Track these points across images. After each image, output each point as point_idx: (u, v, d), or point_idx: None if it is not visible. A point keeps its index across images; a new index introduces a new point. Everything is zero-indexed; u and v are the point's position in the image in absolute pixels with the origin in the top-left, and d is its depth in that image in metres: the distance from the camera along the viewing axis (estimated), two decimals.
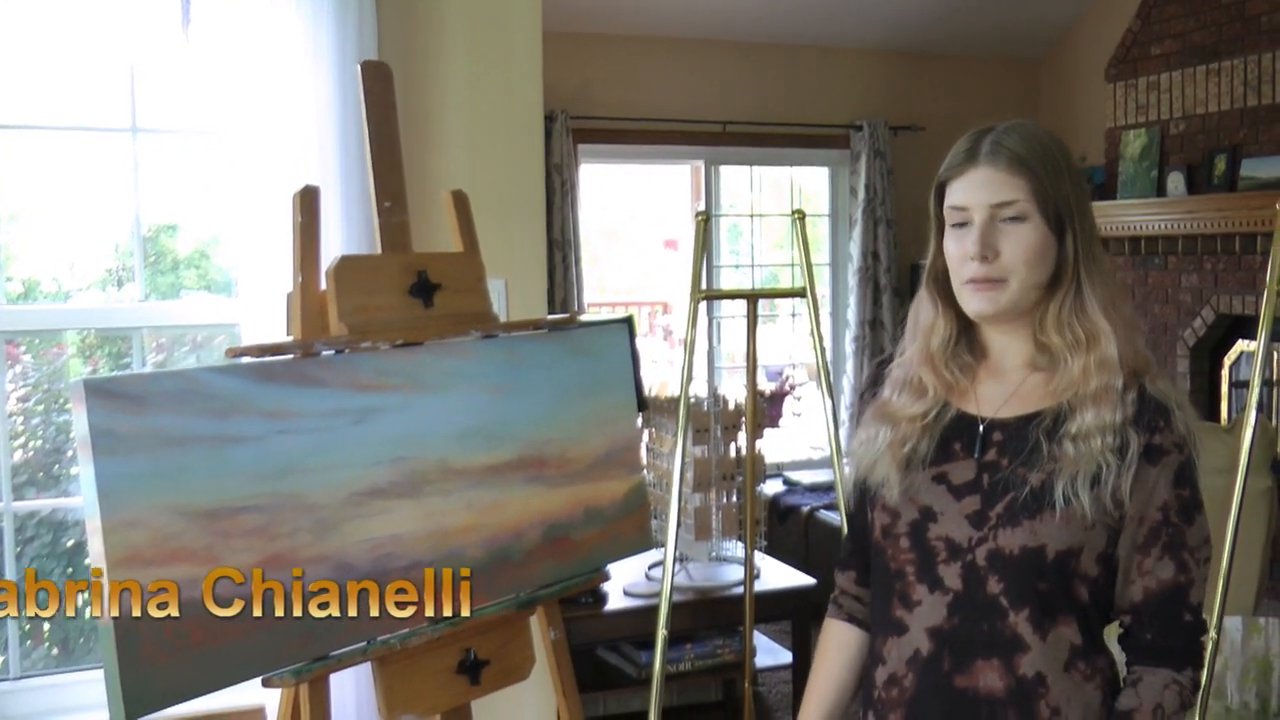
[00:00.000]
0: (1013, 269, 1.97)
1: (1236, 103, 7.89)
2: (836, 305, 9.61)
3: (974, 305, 2.01)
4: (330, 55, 3.32)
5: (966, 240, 1.99)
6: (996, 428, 2.04)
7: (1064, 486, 1.93)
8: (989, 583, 1.97)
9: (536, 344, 2.94)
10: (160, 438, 2.21)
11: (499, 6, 3.78)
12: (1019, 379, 2.06)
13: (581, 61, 8.45)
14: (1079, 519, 1.93)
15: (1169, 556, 1.95)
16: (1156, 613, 1.97)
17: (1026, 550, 1.94)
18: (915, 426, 2.09)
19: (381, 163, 2.77)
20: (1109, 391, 1.96)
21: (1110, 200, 8.58)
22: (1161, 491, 1.95)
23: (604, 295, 14.12)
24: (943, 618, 2.00)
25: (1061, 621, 1.96)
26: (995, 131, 2.02)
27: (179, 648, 2.21)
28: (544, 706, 3.50)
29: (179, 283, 4.55)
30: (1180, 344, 8.35)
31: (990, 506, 1.98)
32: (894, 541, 2.07)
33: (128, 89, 3.76)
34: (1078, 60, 9.53)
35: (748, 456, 3.89)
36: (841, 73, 9.28)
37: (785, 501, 7.28)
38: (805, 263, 3.70)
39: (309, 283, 2.57)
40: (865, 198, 9.12)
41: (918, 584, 2.04)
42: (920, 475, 2.06)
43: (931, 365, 2.11)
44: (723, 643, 4.66)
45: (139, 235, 3.85)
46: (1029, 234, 1.97)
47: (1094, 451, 1.93)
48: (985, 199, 1.98)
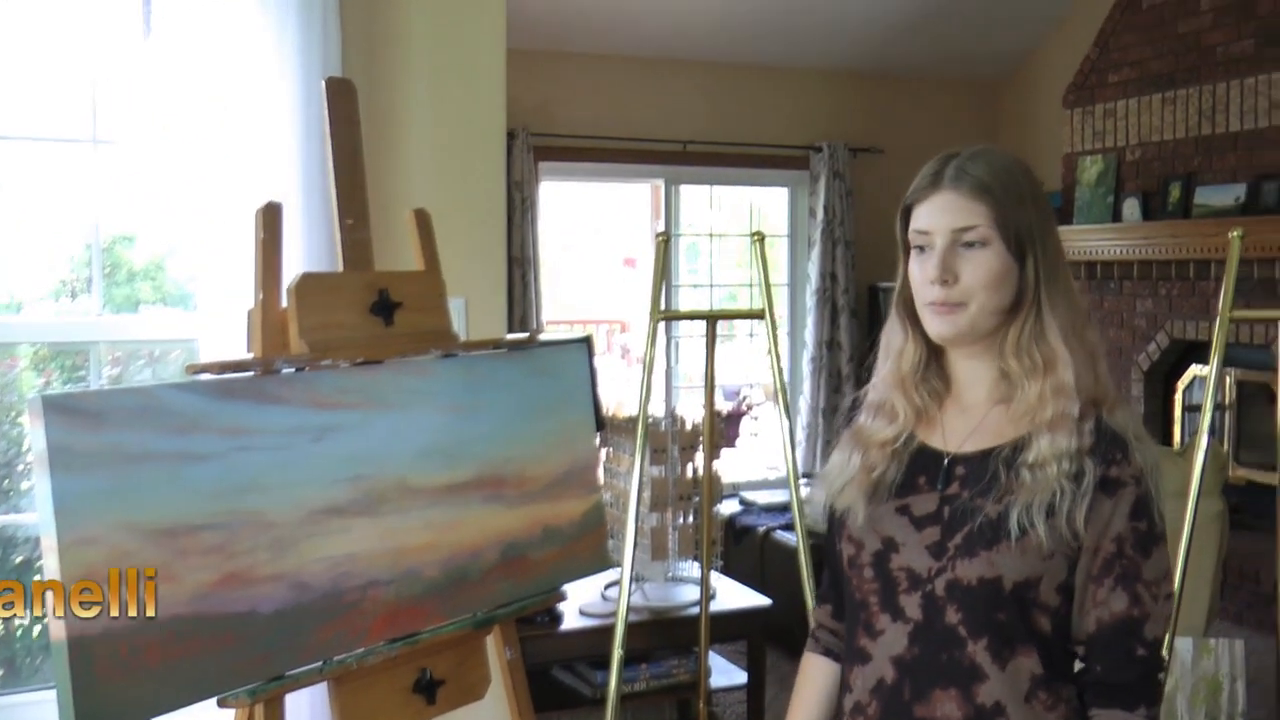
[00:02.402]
0: (972, 293, 1.97)
1: (1191, 131, 7.99)
2: (794, 326, 9.63)
3: (934, 327, 2.02)
4: (294, 71, 3.32)
5: (928, 264, 2.00)
6: (960, 462, 2.04)
7: (1019, 515, 1.92)
8: (948, 612, 1.96)
9: (496, 363, 2.94)
10: (118, 454, 2.20)
11: (463, 25, 3.78)
12: (982, 413, 2.07)
13: (543, 79, 8.45)
14: (1035, 548, 1.92)
15: (1122, 588, 1.94)
16: (1108, 645, 1.95)
17: (984, 581, 1.93)
18: (885, 453, 2.09)
19: (344, 180, 2.76)
20: (1065, 419, 1.95)
21: (1067, 225, 8.65)
22: (1117, 523, 1.93)
23: (563, 313, 14.11)
24: (904, 647, 2.00)
25: (1021, 652, 1.95)
26: (960, 157, 2.02)
27: (134, 666, 2.20)
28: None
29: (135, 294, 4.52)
30: (1135, 368, 8.43)
31: (949, 537, 1.98)
32: (858, 571, 2.08)
33: (89, 100, 3.74)
34: (1036, 86, 9.61)
35: (704, 477, 3.89)
36: (802, 94, 9.32)
37: (741, 522, 7.27)
38: (764, 285, 3.71)
39: (270, 299, 2.56)
40: (824, 219, 9.15)
41: (881, 613, 2.04)
42: (884, 507, 2.06)
43: (902, 389, 2.11)
44: (678, 663, 4.65)
45: (98, 247, 3.83)
46: (989, 259, 1.97)
47: (1049, 478, 1.92)
48: (947, 224, 1.98)
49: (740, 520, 7.28)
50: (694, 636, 3.98)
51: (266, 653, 2.40)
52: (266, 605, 2.39)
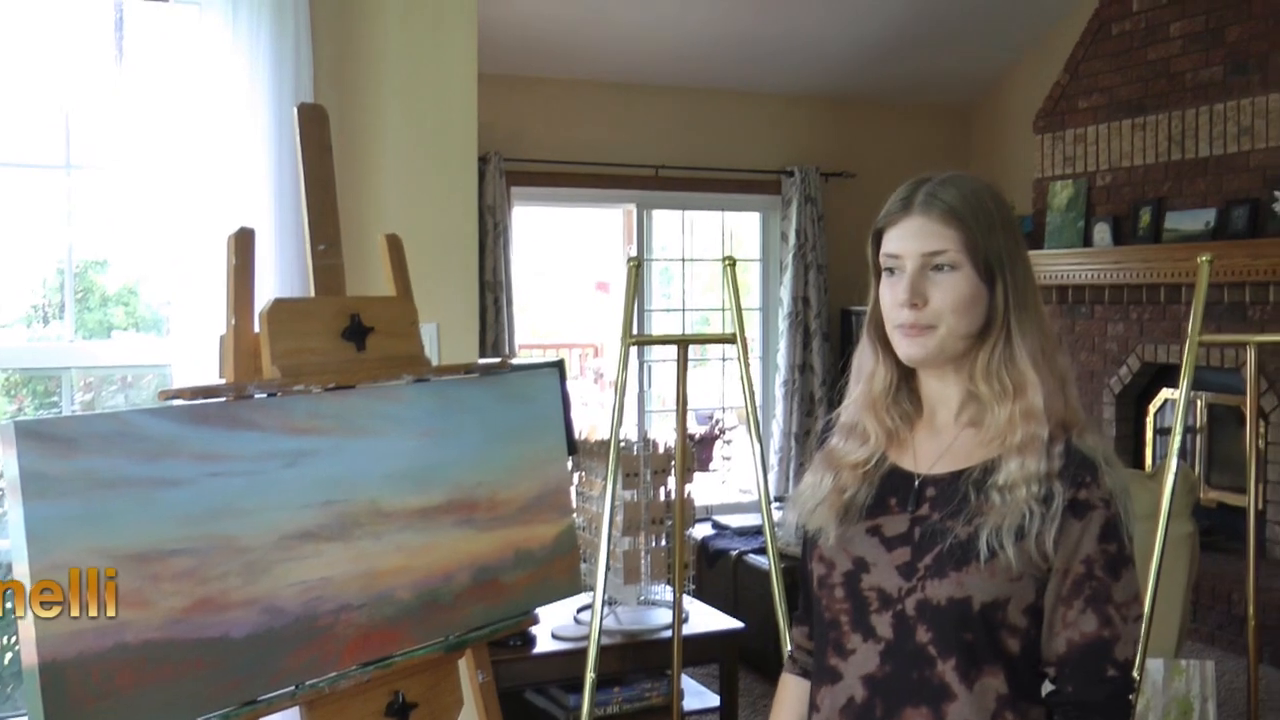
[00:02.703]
0: (941, 316, 1.99)
1: (1161, 156, 8.07)
2: (767, 350, 9.67)
3: (904, 350, 2.03)
4: (267, 96, 3.33)
5: (898, 287, 2.01)
6: (930, 483, 2.05)
7: (988, 536, 1.93)
8: (918, 632, 1.97)
9: (468, 388, 2.95)
10: (91, 480, 2.20)
11: (435, 51, 3.80)
12: (953, 435, 2.08)
13: (516, 104, 8.48)
14: (1004, 570, 1.93)
15: (1092, 610, 1.94)
16: (1078, 666, 1.95)
17: (953, 601, 1.94)
18: (856, 475, 2.11)
19: (316, 205, 2.77)
20: (1034, 442, 1.96)
21: (1038, 250, 8.71)
22: (1086, 546, 1.94)
23: (536, 337, 14.13)
24: (875, 665, 2.01)
25: (988, 672, 1.96)
26: (931, 182, 2.04)
27: (106, 692, 2.19)
28: None
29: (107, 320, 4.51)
30: (1106, 391, 8.47)
31: (919, 558, 1.99)
32: (829, 591, 2.09)
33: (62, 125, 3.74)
34: (1007, 111, 9.68)
35: (677, 500, 3.90)
36: (773, 118, 9.37)
37: (714, 545, 7.27)
38: (735, 309, 3.73)
39: (242, 325, 2.57)
40: (796, 243, 9.19)
41: (852, 633, 2.05)
42: (855, 527, 2.08)
43: (874, 411, 2.12)
44: (651, 686, 4.65)
45: (70, 272, 3.83)
46: (958, 283, 1.99)
47: (1019, 501, 1.93)
48: (917, 248, 2.00)
49: (713, 544, 7.29)
50: (667, 659, 3.98)
51: (239, 677, 2.40)
52: (239, 630, 2.39)
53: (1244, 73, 7.51)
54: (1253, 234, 7.37)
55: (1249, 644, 3.62)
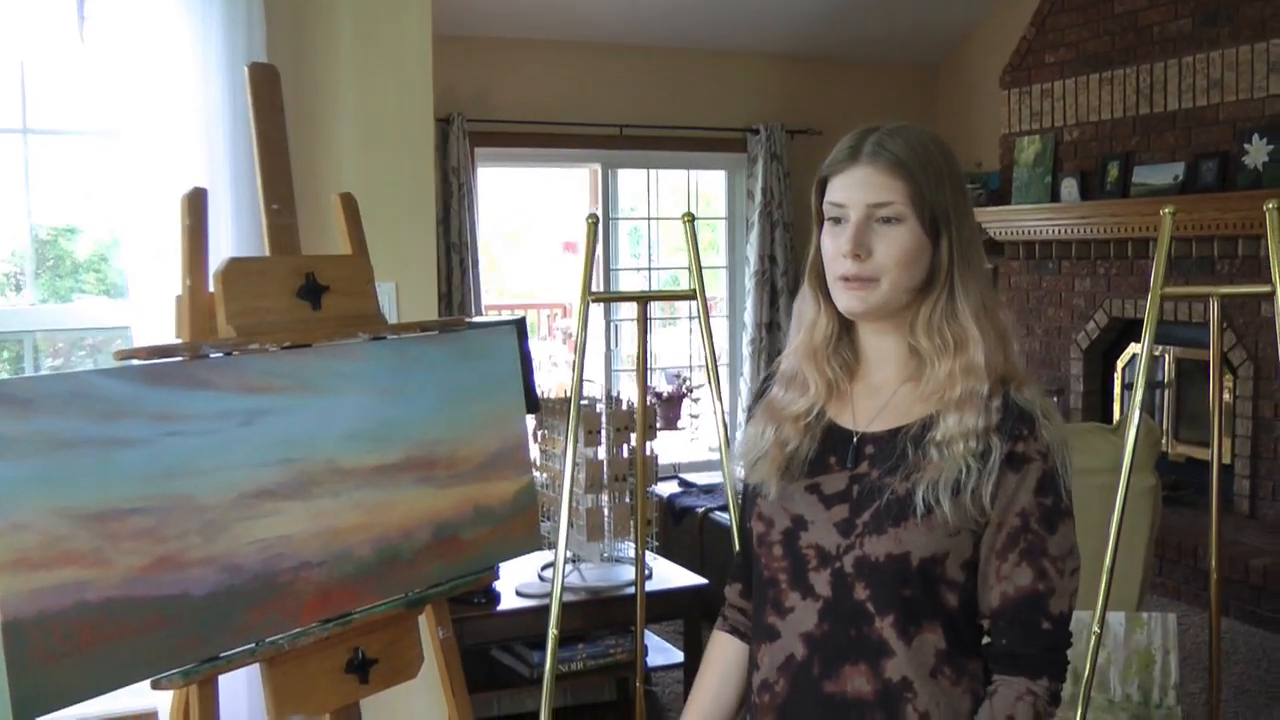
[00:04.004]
0: (884, 269, 1.98)
1: (1129, 111, 8.09)
2: (734, 308, 9.70)
3: (845, 303, 2.02)
4: (219, 57, 3.32)
5: (841, 238, 2.00)
6: (869, 441, 2.06)
7: (924, 492, 1.93)
8: (856, 589, 1.98)
9: (425, 346, 2.96)
10: (48, 440, 2.22)
11: (388, 10, 3.78)
12: (891, 391, 2.08)
13: (479, 65, 8.46)
14: (941, 525, 1.93)
15: (1027, 563, 1.94)
16: (1013, 619, 1.97)
17: (891, 557, 1.95)
18: (797, 427, 2.11)
19: (268, 165, 2.78)
20: (974, 397, 1.97)
21: (1005, 205, 8.74)
22: (1022, 498, 1.94)
23: (504, 298, 14.13)
24: (814, 624, 2.02)
25: (926, 628, 1.97)
26: (879, 132, 2.03)
27: (68, 650, 2.21)
28: (435, 705, 3.51)
29: (78, 286, 4.50)
30: (1074, 347, 8.52)
31: (858, 515, 2.00)
32: (768, 550, 2.09)
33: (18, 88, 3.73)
34: (974, 67, 9.69)
35: (638, 458, 3.92)
36: (738, 76, 9.36)
37: (680, 503, 7.31)
38: (694, 266, 3.75)
39: (197, 285, 2.57)
40: (762, 201, 9.20)
41: (790, 591, 2.05)
42: (795, 485, 2.08)
43: (814, 360, 2.12)
44: (615, 642, 4.69)
45: (31, 238, 3.83)
46: (903, 236, 1.98)
47: (956, 456, 1.94)
48: (862, 198, 1.99)
49: (679, 501, 7.33)
50: (631, 616, 4.01)
51: (199, 635, 2.42)
52: (199, 588, 2.41)
53: (1213, 25, 7.52)
54: (1222, 187, 7.39)
55: (1211, 597, 3.65)
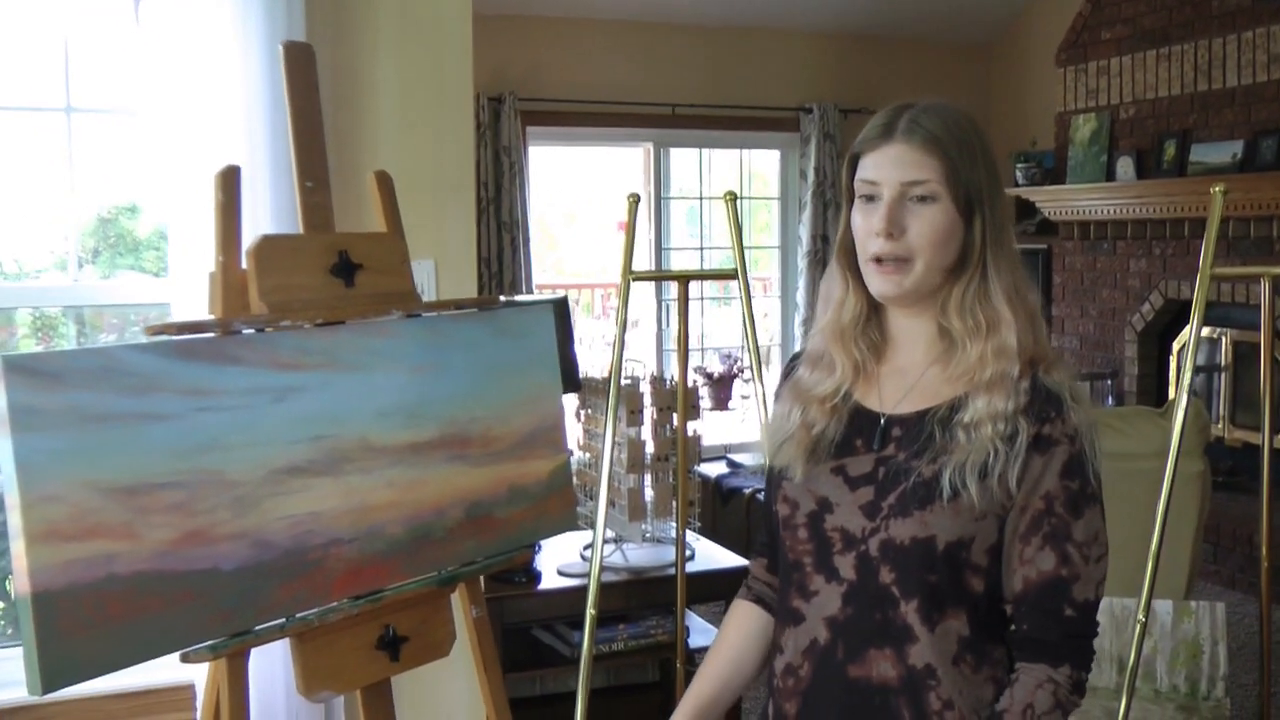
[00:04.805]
0: (918, 249, 1.96)
1: (1186, 88, 7.94)
2: (785, 288, 9.66)
3: (877, 286, 2.00)
4: (259, 36, 3.32)
5: (874, 216, 1.97)
6: (896, 423, 2.03)
7: (951, 475, 1.91)
8: (881, 572, 1.96)
9: (459, 324, 2.95)
10: (79, 414, 2.23)
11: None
12: (919, 373, 2.06)
13: (531, 44, 8.46)
14: (968, 509, 1.91)
15: (1050, 547, 1.93)
16: (1035, 604, 1.94)
17: (917, 541, 1.93)
18: (824, 409, 2.09)
19: (303, 143, 2.78)
20: (1004, 379, 1.94)
21: (1060, 185, 8.64)
22: (1047, 481, 1.92)
23: (561, 277, 14.15)
24: (838, 607, 2.00)
25: (950, 614, 1.95)
26: (914, 109, 2.01)
27: (97, 621, 2.23)
28: (469, 684, 3.52)
29: (139, 265, 4.53)
30: (1129, 329, 8.42)
31: (883, 497, 1.98)
32: (793, 532, 2.08)
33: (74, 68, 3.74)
34: (1028, 44, 9.59)
35: (680, 438, 3.91)
36: (791, 55, 9.31)
37: (728, 484, 7.30)
38: (736, 245, 3.73)
39: (229, 262, 2.58)
40: (815, 180, 9.17)
41: (815, 574, 2.04)
42: (821, 467, 2.06)
43: (841, 340, 2.09)
44: (656, 623, 4.67)
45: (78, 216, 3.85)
46: (937, 215, 1.96)
47: (984, 439, 1.91)
48: (897, 176, 1.96)
49: (727, 482, 7.32)
50: (673, 596, 4.00)
51: (228, 609, 2.43)
52: (228, 563, 2.42)
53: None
54: None
55: (1261, 586, 3.59)
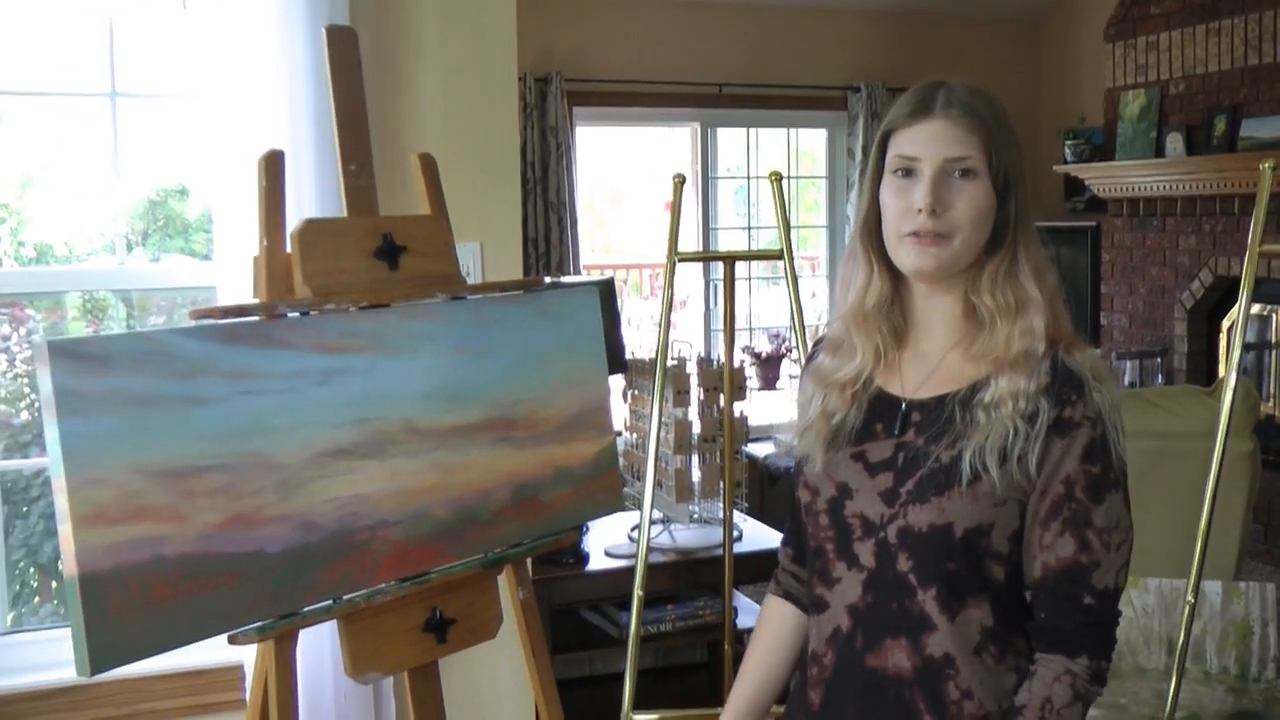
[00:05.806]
0: (959, 226, 1.93)
1: (1237, 62, 7.83)
2: (834, 267, 9.62)
3: (914, 260, 1.96)
4: (302, 19, 3.31)
5: (914, 192, 1.94)
6: (916, 408, 2.01)
7: (972, 458, 1.88)
8: (899, 560, 1.94)
9: (504, 306, 2.95)
10: (124, 398, 2.24)
11: None
12: (940, 357, 2.03)
13: (577, 24, 8.45)
14: (987, 494, 1.88)
15: (1070, 533, 1.89)
16: (1053, 591, 1.91)
17: (934, 528, 1.90)
18: (845, 397, 2.07)
19: (346, 127, 2.78)
20: (1028, 359, 1.92)
21: (1109, 161, 8.56)
22: (1067, 465, 1.88)
23: (609, 257, 14.15)
24: (859, 595, 1.99)
25: (971, 603, 1.92)
26: (948, 86, 1.99)
27: (144, 603, 2.24)
28: (516, 666, 3.52)
29: (189, 247, 4.55)
30: (1178, 306, 8.33)
31: (902, 483, 1.96)
32: (814, 519, 2.06)
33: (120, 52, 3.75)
34: (1077, 20, 9.50)
35: (725, 419, 3.90)
36: (838, 34, 9.26)
37: (776, 465, 7.28)
38: (781, 225, 3.71)
39: (274, 246, 2.59)
40: (863, 159, 9.11)
41: (837, 561, 2.02)
42: (841, 453, 2.04)
43: (863, 326, 2.07)
44: (704, 603, 4.68)
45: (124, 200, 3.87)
46: (978, 191, 1.93)
47: (1004, 418, 1.88)
48: (939, 152, 1.93)
49: (775, 463, 7.29)
50: (721, 577, 4.00)
51: (275, 591, 2.44)
52: (274, 545, 2.43)
53: None
54: None
55: None
